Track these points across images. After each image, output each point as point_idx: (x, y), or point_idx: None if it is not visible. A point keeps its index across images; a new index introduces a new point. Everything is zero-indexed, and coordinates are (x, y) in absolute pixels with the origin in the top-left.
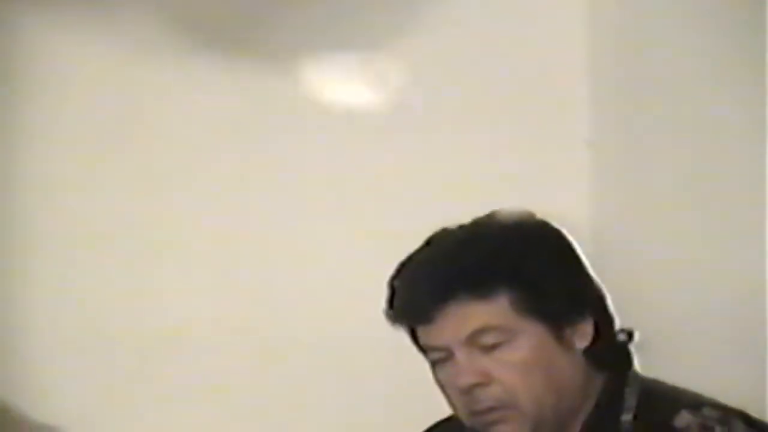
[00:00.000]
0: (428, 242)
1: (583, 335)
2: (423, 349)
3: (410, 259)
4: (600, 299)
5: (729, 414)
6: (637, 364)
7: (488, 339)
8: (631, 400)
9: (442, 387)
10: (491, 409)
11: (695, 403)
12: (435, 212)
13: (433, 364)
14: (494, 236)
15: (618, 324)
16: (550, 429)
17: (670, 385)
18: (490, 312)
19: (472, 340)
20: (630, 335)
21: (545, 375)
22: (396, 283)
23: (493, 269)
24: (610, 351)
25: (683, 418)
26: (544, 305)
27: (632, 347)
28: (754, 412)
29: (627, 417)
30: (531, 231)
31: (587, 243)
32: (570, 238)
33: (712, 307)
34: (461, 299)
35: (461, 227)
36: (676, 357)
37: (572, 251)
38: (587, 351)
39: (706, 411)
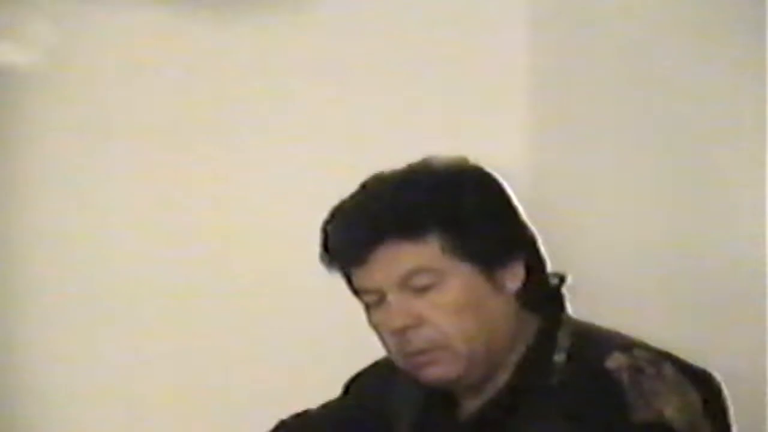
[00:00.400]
0: (363, 187)
1: (514, 277)
2: (357, 293)
3: (343, 204)
4: (532, 242)
5: (659, 356)
6: (570, 308)
7: (420, 281)
8: (563, 341)
9: (376, 329)
10: (423, 351)
11: (626, 345)
12: (373, 159)
13: (367, 307)
14: (427, 180)
15: (550, 267)
16: (481, 370)
17: (602, 328)
18: (421, 254)
19: (405, 282)
20: (562, 279)
21: (476, 316)
22: (329, 227)
23: (425, 212)
24: (542, 293)
25: (615, 360)
26: (474, 248)
27: (565, 290)
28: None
29: (559, 358)
30: (463, 175)
31: (524, 188)
32: (503, 182)
33: (648, 253)
34: (393, 241)
35: (395, 172)
36: (612, 301)
37: (504, 195)
38: (519, 293)
39: (637, 352)
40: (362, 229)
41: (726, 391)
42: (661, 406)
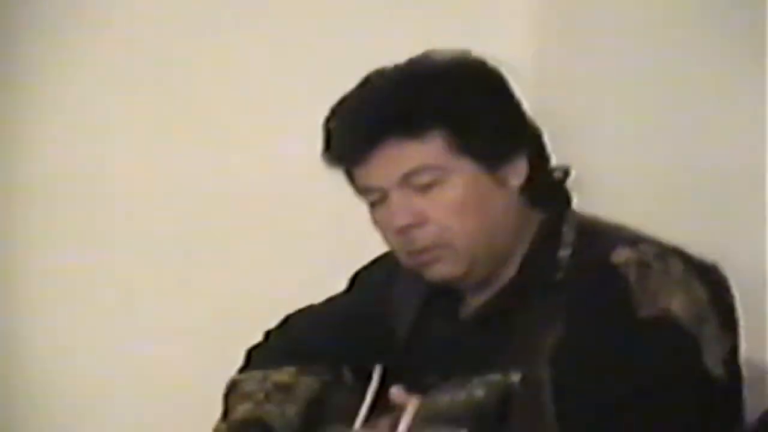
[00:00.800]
0: (363, 83)
1: (517, 172)
2: (359, 191)
3: (344, 101)
4: (536, 136)
5: (665, 250)
6: (575, 203)
7: (422, 179)
8: (569, 236)
9: (379, 228)
10: (427, 249)
11: (633, 239)
12: (373, 51)
13: (371, 206)
14: (428, 75)
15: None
16: (486, 267)
17: (608, 222)
18: (423, 151)
19: (407, 181)
20: (566, 173)
21: (479, 213)
22: (330, 124)
23: (427, 109)
24: (546, 188)
25: (620, 254)
26: (478, 144)
27: (570, 185)
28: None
29: (565, 253)
30: (465, 69)
31: (528, 82)
32: (506, 75)
33: (655, 148)
34: (395, 139)
35: (396, 67)
36: (618, 197)
37: (507, 89)
38: (523, 188)
39: (643, 247)
40: (363, 126)
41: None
42: (668, 301)
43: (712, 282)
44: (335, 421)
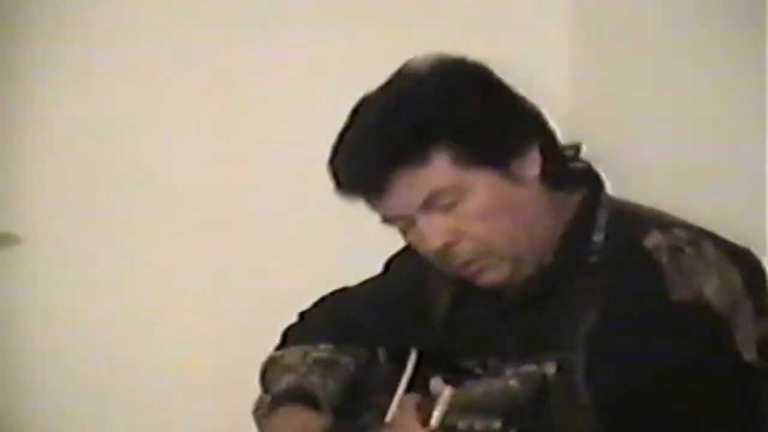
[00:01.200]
0: (353, 114)
1: (531, 163)
2: (384, 221)
3: (342, 138)
4: (537, 119)
5: (698, 234)
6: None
7: (443, 200)
8: (602, 220)
9: (418, 249)
10: (470, 262)
11: (665, 223)
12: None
13: (401, 232)
14: (415, 94)
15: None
16: (532, 260)
17: (641, 206)
18: (435, 176)
19: (428, 205)
20: (577, 149)
21: (509, 215)
22: (335, 164)
23: (424, 131)
24: (564, 168)
25: (653, 238)
26: (484, 151)
27: (600, 169)
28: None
29: (598, 237)
30: (450, 77)
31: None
32: (491, 68)
33: (654, 148)
34: (403, 170)
35: (381, 90)
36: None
37: (499, 84)
38: (543, 175)
39: (676, 231)
40: (368, 165)
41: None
42: (701, 285)
43: (745, 266)
44: (371, 404)
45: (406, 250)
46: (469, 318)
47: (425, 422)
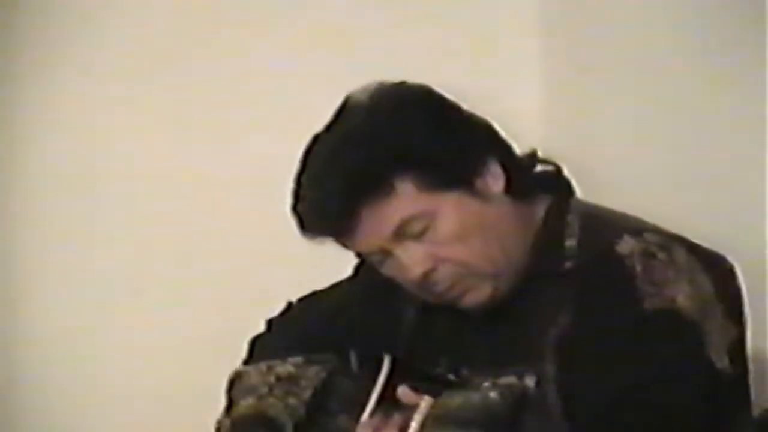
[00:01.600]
0: (306, 155)
1: (494, 178)
2: (358, 256)
3: (299, 182)
4: (491, 133)
5: (670, 239)
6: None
7: (413, 228)
8: (574, 225)
9: (397, 279)
10: (452, 286)
11: (637, 228)
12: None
13: (377, 264)
14: (367, 128)
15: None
16: (511, 274)
17: (612, 211)
18: (401, 205)
19: (400, 235)
20: (534, 155)
21: (481, 233)
22: (299, 208)
23: (383, 163)
24: (527, 177)
25: (626, 244)
26: (446, 173)
27: (569, 175)
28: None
29: (571, 242)
30: (395, 105)
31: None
32: (435, 90)
33: (653, 148)
34: (366, 205)
35: (330, 129)
36: (618, 196)
37: (443, 102)
38: (507, 189)
39: (648, 236)
40: (332, 205)
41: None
42: (673, 293)
43: (716, 272)
44: (342, 411)
45: None
46: (440, 324)
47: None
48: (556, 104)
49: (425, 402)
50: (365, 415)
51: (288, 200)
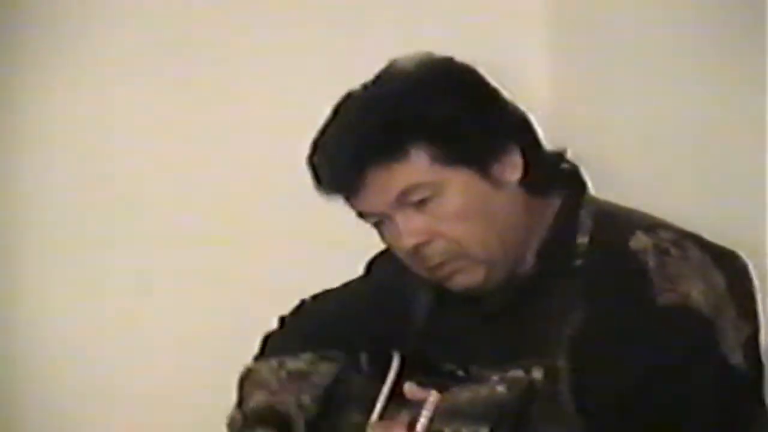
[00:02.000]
0: (335, 110)
1: (512, 168)
2: (360, 216)
3: (322, 134)
4: (523, 125)
5: (683, 236)
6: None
7: (417, 196)
8: (586, 222)
9: (391, 247)
10: (443, 263)
11: (650, 225)
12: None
13: (375, 227)
14: (397, 91)
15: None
16: (504, 266)
17: (625, 208)
18: (410, 170)
19: (402, 201)
20: (561, 155)
21: (484, 218)
22: (315, 160)
23: (403, 128)
24: (547, 174)
25: (639, 240)
26: (463, 151)
27: (583, 170)
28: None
29: (583, 239)
30: (433, 75)
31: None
32: (478, 70)
33: (652, 148)
34: (378, 165)
35: (364, 87)
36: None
37: (483, 84)
38: (523, 180)
39: (661, 233)
40: (344, 160)
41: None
42: (687, 289)
43: (729, 268)
44: (352, 409)
45: (387, 252)
46: (450, 321)
47: (410, 427)
48: (562, 100)
49: (433, 397)
50: (375, 412)
51: (301, 198)
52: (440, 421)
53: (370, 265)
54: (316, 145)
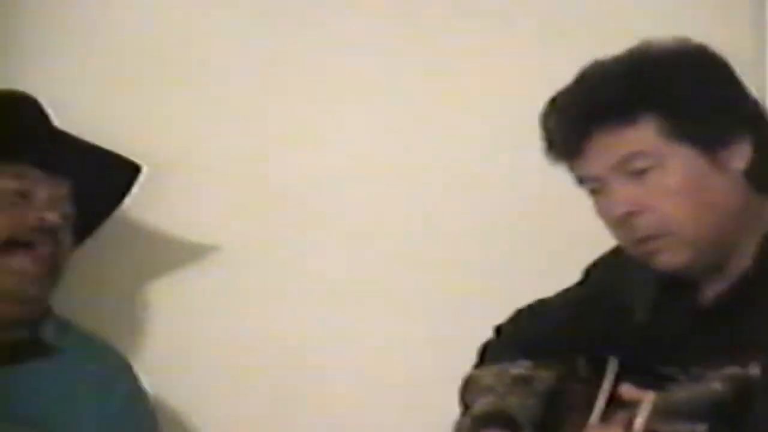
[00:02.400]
0: (580, 75)
1: (740, 156)
2: (578, 181)
3: (558, 94)
4: (755, 114)
5: None
6: None
7: (638, 164)
8: None
9: (602, 218)
10: (650, 237)
11: None
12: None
13: (591, 194)
14: (642, 63)
15: None
16: (712, 254)
17: None
18: (636, 138)
19: (622, 167)
20: None
21: (700, 199)
22: (545, 120)
23: (638, 94)
24: None
25: None
26: (692, 129)
27: None
28: None
29: None
30: (682, 55)
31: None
32: (728, 61)
33: None
34: (606, 127)
35: (612, 57)
36: None
37: (727, 71)
38: (748, 174)
39: None
40: (573, 120)
41: None
42: None
43: None
44: (572, 413)
45: (604, 257)
46: (669, 324)
47: (627, 428)
48: None
49: (649, 397)
50: (594, 415)
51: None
52: (657, 420)
53: (588, 271)
54: (549, 105)
